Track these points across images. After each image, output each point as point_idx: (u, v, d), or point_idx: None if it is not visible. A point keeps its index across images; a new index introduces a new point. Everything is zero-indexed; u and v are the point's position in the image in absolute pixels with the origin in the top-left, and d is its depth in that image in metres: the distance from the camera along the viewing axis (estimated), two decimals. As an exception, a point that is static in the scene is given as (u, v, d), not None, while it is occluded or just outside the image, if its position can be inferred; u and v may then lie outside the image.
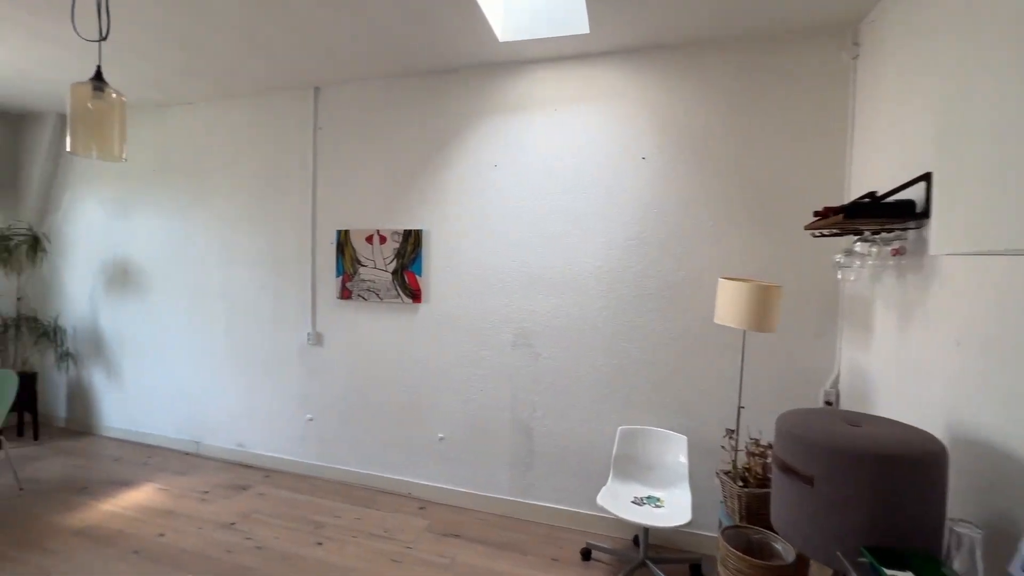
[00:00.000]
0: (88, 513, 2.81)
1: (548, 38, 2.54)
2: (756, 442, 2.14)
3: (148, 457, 3.63)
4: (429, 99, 3.04)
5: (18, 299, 3.74)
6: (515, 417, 2.89)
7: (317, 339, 3.33)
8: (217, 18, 2.44)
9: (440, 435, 3.06)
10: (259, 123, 3.46)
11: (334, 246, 3.27)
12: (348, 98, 3.23)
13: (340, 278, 3.25)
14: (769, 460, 2.01)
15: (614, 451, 2.58)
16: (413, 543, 2.61)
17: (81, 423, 4.10)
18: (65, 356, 3.86)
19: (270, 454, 3.48)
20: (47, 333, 3.79)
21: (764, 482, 2.05)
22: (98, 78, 1.92)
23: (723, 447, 2.30)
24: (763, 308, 2.05)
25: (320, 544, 2.57)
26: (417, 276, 3.06)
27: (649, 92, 2.61)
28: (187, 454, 3.70)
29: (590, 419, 2.75)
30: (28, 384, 3.79)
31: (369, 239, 3.17)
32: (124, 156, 2.01)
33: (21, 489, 3.06)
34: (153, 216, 3.81)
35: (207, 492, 3.11)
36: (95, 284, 4.01)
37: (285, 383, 3.43)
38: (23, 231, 3.68)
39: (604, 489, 2.39)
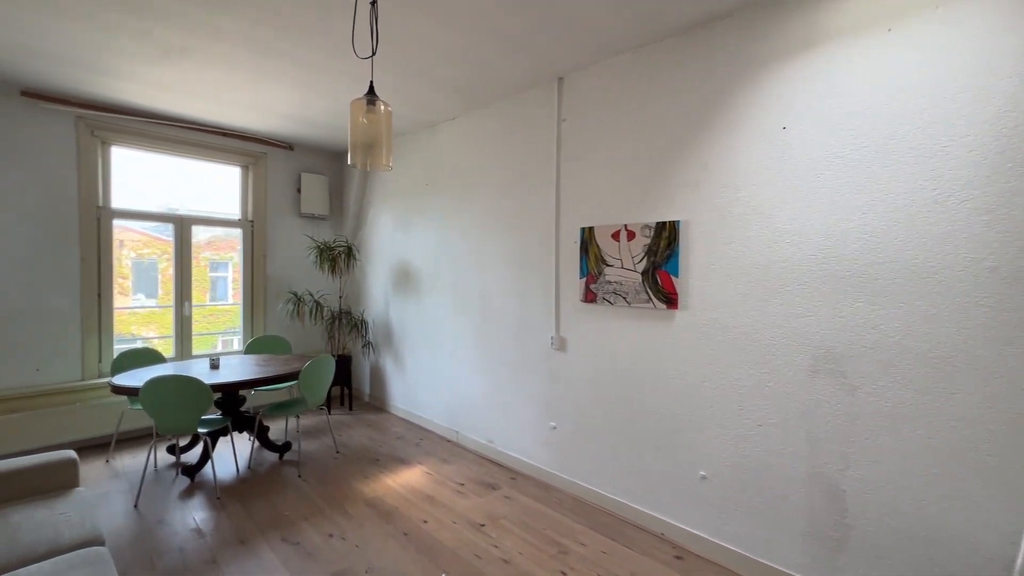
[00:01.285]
0: (376, 485, 3.24)
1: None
2: None
3: (420, 439, 4.10)
4: (687, 62, 2.49)
5: (339, 297, 4.74)
6: (814, 470, 2.10)
7: (560, 344, 3.15)
8: (465, 19, 2.43)
9: (702, 473, 2.48)
10: (507, 127, 3.49)
11: (577, 245, 3.03)
12: (592, 82, 2.94)
13: (584, 279, 2.99)
14: None
15: (1020, 561, 1.57)
16: (670, 605, 2.12)
17: (379, 400, 4.95)
18: (368, 345, 4.72)
19: (516, 455, 3.48)
20: (357, 325, 4.69)
21: None
22: (371, 92, 2.04)
23: None
24: None
25: (564, 575, 2.33)
26: (672, 277, 2.55)
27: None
28: (449, 441, 4.03)
29: (958, 496, 1.77)
30: (345, 365, 4.76)
31: (615, 236, 2.81)
32: (390, 164, 2.11)
33: (338, 452, 3.77)
34: (425, 225, 4.29)
35: (462, 484, 3.26)
36: (387, 285, 4.78)
37: (530, 386, 3.37)
38: (342, 243, 4.63)
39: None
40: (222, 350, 4.72)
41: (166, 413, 2.88)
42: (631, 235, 2.73)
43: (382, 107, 2.02)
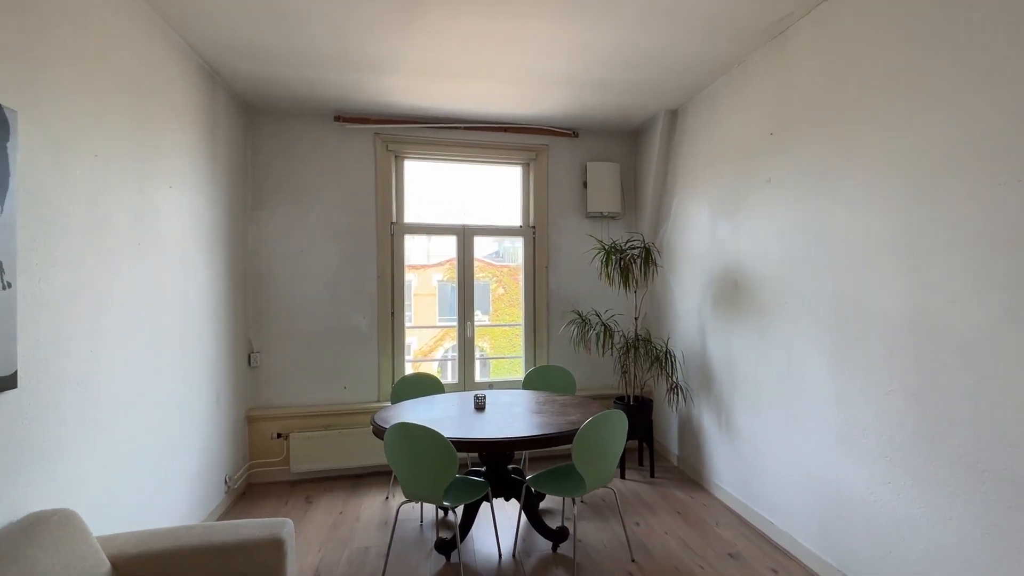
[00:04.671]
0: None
1: None
2: None
3: (775, 565, 2.37)
4: None
5: (635, 319, 3.47)
6: None
7: None
8: None
9: None
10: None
11: None
12: None
13: None
14: None
15: None
16: None
17: (692, 468, 3.42)
18: (676, 389, 3.27)
19: None
20: (659, 358, 3.32)
21: None
22: None
23: None
24: None
25: None
26: None
27: None
28: (835, 591, 2.17)
29: None
30: (644, 411, 3.44)
31: None
32: None
33: (633, 560, 2.45)
34: (767, 204, 2.60)
35: None
36: (701, 302, 3.25)
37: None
38: (637, 242, 3.36)
39: None
40: (499, 379, 4.11)
41: (406, 473, 2.16)
42: None
43: None
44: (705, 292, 3.22)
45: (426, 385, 3.29)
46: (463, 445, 2.19)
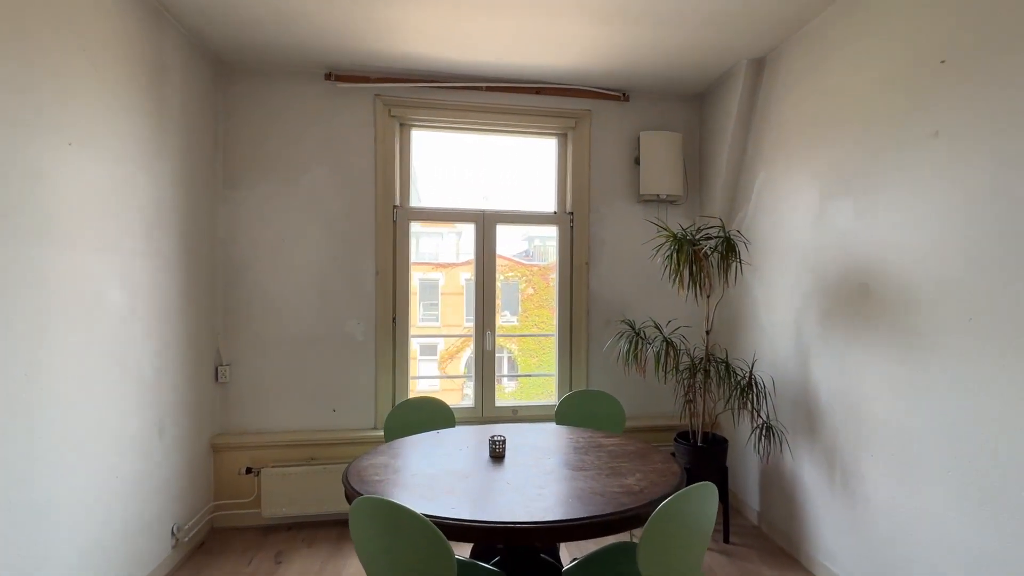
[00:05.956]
0: None
1: None
2: None
3: None
4: None
5: (706, 332, 2.63)
6: None
7: None
8: None
9: None
10: None
11: None
12: None
13: None
14: None
15: None
16: None
17: (780, 531, 2.57)
18: (766, 430, 2.41)
19: None
20: (740, 386, 2.47)
21: None
22: None
23: None
24: None
25: None
26: None
27: None
28: None
29: None
30: (716, 454, 2.61)
31: None
32: None
33: None
34: (935, 170, 1.73)
35: None
36: (802, 312, 2.39)
37: None
38: (715, 231, 2.51)
39: None
40: (525, 403, 3.33)
41: (379, 568, 1.41)
42: None
43: None
44: (808, 299, 2.36)
45: (431, 413, 2.55)
46: (468, 532, 1.43)
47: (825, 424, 2.25)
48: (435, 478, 1.74)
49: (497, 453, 1.96)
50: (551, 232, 3.26)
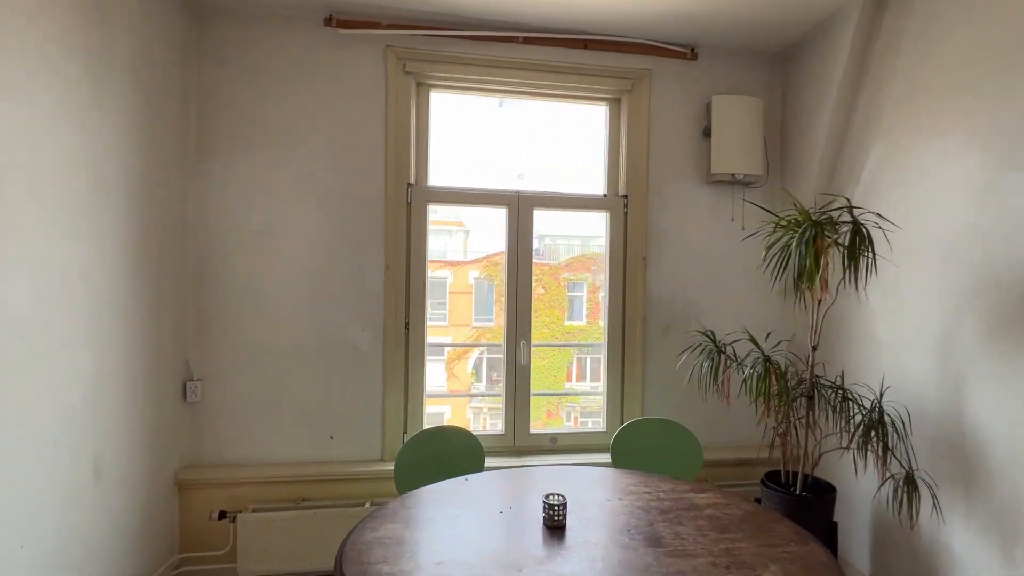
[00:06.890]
0: None
1: None
2: None
3: None
4: None
5: (812, 348, 2.01)
6: None
7: None
8: None
9: None
10: None
11: None
12: None
13: None
14: None
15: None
16: None
17: (909, 612, 1.95)
18: (908, 481, 1.78)
19: None
20: (865, 421, 1.85)
21: None
22: None
23: None
24: None
25: None
26: None
27: None
28: None
29: None
30: (822, 505, 2.00)
31: None
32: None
33: None
34: None
35: None
36: (954, 324, 1.78)
37: None
38: (840, 212, 1.84)
39: None
40: (572, 429, 2.74)
41: None
42: None
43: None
44: (962, 307, 1.75)
45: (455, 448, 1.98)
46: None
47: (993, 476, 1.64)
48: (471, 569, 1.16)
49: (557, 523, 1.37)
50: (599, 221, 2.67)
